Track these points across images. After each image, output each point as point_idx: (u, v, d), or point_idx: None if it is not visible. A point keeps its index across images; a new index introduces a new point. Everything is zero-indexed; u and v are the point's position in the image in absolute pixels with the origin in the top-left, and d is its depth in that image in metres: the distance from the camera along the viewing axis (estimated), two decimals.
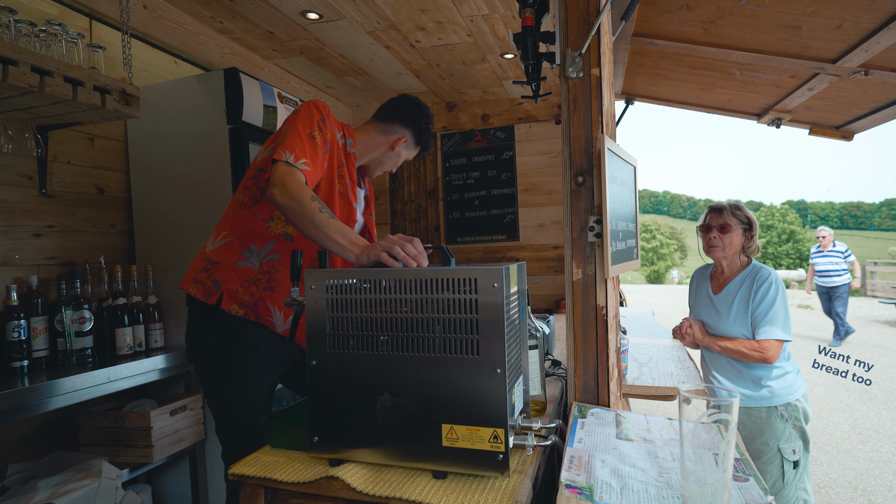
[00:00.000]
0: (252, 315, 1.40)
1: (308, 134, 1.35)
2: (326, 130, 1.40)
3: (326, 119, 1.42)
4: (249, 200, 1.42)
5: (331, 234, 1.17)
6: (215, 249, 1.43)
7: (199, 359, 1.45)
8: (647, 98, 3.34)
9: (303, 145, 1.32)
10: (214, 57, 2.60)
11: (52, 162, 1.95)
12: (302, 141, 1.33)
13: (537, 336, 1.16)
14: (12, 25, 1.49)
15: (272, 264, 1.41)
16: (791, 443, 1.88)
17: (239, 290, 1.39)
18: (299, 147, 1.31)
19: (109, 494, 1.62)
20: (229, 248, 1.41)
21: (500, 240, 3.84)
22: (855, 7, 1.69)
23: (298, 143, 1.32)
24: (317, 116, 1.39)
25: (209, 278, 1.41)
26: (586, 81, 1.23)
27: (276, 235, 1.41)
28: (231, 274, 1.40)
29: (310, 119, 1.38)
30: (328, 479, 0.91)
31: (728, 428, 0.73)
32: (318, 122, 1.39)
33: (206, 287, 1.40)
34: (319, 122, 1.39)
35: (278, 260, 1.41)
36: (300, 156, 1.30)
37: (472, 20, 2.52)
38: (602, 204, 1.18)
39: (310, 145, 1.34)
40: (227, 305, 1.39)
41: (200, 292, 1.40)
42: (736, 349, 1.94)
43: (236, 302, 1.39)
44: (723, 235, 2.05)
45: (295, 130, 1.34)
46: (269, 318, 1.41)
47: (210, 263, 1.42)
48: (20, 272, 1.82)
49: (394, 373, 0.93)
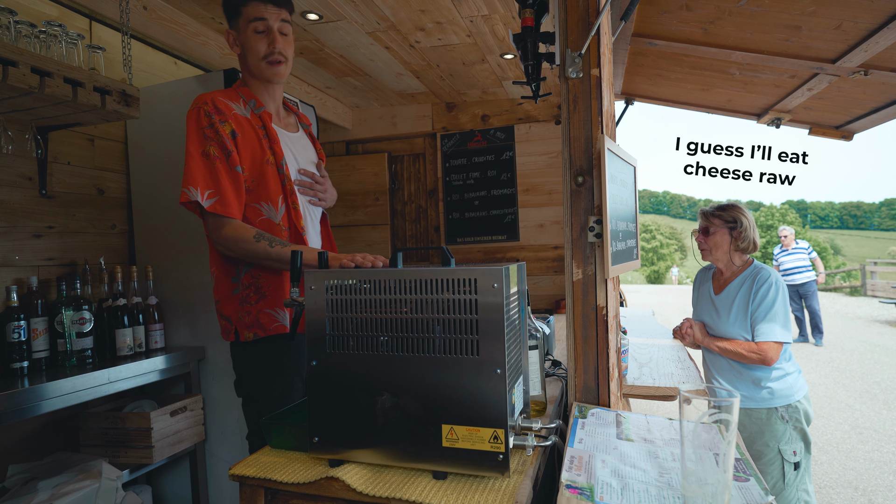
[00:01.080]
0: (260, 332, 1.41)
1: (201, 153, 1.30)
2: (221, 128, 1.32)
3: (215, 114, 1.33)
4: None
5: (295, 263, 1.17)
6: (214, 289, 1.46)
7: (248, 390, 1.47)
8: (647, 98, 3.34)
9: (202, 172, 1.29)
10: (214, 58, 2.60)
11: (52, 163, 1.95)
12: (199, 165, 1.29)
13: (537, 336, 1.16)
14: (12, 26, 1.49)
15: (251, 274, 1.41)
16: (792, 444, 1.88)
17: (241, 316, 1.41)
18: (199, 175, 1.29)
19: (110, 495, 1.62)
20: (220, 283, 1.44)
21: (500, 240, 3.84)
22: (854, 7, 1.69)
23: (197, 170, 1.29)
24: (202, 124, 1.32)
25: (222, 318, 1.45)
26: (586, 82, 1.23)
27: None
28: (233, 305, 1.42)
29: (197, 134, 1.32)
30: (328, 479, 0.91)
31: (728, 428, 0.73)
32: (205, 130, 1.32)
33: (223, 326, 1.45)
34: (206, 128, 1.32)
35: (254, 268, 1.41)
36: (204, 188, 1.29)
37: (472, 21, 2.52)
38: (602, 204, 1.18)
39: (206, 167, 1.29)
40: (242, 336, 1.42)
41: (223, 332, 1.45)
42: (735, 350, 1.94)
43: (245, 328, 1.41)
44: (706, 238, 2.07)
45: (189, 156, 1.32)
46: (276, 323, 1.42)
47: (217, 303, 1.45)
48: (20, 273, 1.82)
49: (394, 373, 0.93)
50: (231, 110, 1.37)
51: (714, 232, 2.05)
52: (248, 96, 1.43)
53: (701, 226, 2.10)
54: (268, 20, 1.38)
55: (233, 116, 1.36)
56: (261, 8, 1.36)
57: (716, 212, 2.06)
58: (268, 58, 1.39)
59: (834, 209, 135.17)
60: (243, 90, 1.44)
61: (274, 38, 1.39)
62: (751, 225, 2.03)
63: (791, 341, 1.91)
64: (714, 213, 2.07)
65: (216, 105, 1.34)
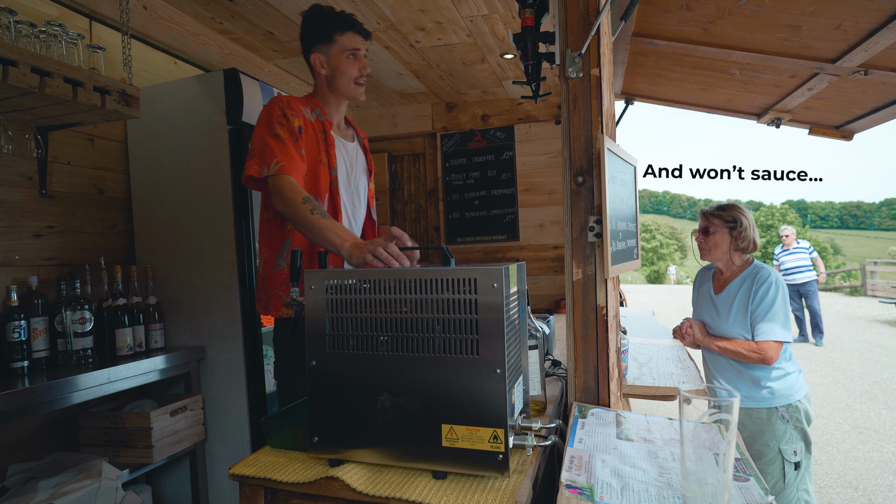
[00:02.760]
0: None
1: (272, 135, 1.45)
2: (292, 119, 1.47)
3: (286, 110, 1.48)
4: (273, 215, 1.55)
5: (324, 234, 1.29)
6: (260, 267, 1.58)
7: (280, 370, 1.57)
8: (647, 98, 3.34)
9: (270, 149, 1.43)
10: (214, 57, 2.60)
11: (52, 162, 1.95)
12: (268, 145, 1.43)
13: (537, 336, 1.16)
14: (12, 26, 1.49)
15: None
16: (792, 444, 1.88)
17: (279, 293, 1.52)
18: (268, 153, 1.43)
19: (110, 495, 1.62)
20: (267, 261, 1.56)
21: (500, 240, 3.84)
22: (854, 7, 1.69)
23: (266, 149, 1.43)
24: (276, 114, 1.47)
25: (265, 294, 1.55)
26: (586, 81, 1.23)
27: (290, 230, 1.53)
28: (274, 282, 1.53)
29: (268, 121, 1.47)
30: (328, 479, 0.91)
31: (728, 428, 0.73)
32: (278, 119, 1.46)
33: (263, 303, 1.56)
34: (279, 118, 1.47)
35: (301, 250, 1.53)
36: (269, 160, 1.42)
37: (472, 20, 2.52)
38: (602, 204, 1.18)
39: (276, 145, 1.44)
40: (276, 312, 1.52)
41: (261, 307, 1.56)
42: (735, 350, 1.94)
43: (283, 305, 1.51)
44: (706, 238, 2.07)
45: (258, 140, 1.46)
46: None
47: (262, 281, 1.57)
48: (20, 273, 1.82)
49: (394, 373, 0.93)
50: (301, 111, 1.53)
51: (714, 232, 2.05)
52: (315, 105, 1.60)
53: (701, 226, 2.11)
54: (360, 49, 1.59)
55: (301, 115, 1.52)
56: (356, 39, 1.58)
57: (716, 212, 2.06)
58: (357, 80, 1.60)
59: (834, 209, 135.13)
60: (312, 100, 1.61)
61: (364, 65, 1.60)
62: (750, 225, 2.03)
63: (791, 341, 1.91)
64: (714, 212, 2.07)
65: (290, 103, 1.51)
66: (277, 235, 1.54)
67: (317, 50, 1.57)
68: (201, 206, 2.09)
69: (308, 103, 1.59)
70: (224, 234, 2.05)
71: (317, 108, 1.60)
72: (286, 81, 3.20)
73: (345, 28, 1.56)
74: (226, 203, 2.04)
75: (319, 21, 1.56)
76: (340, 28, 1.55)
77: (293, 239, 1.53)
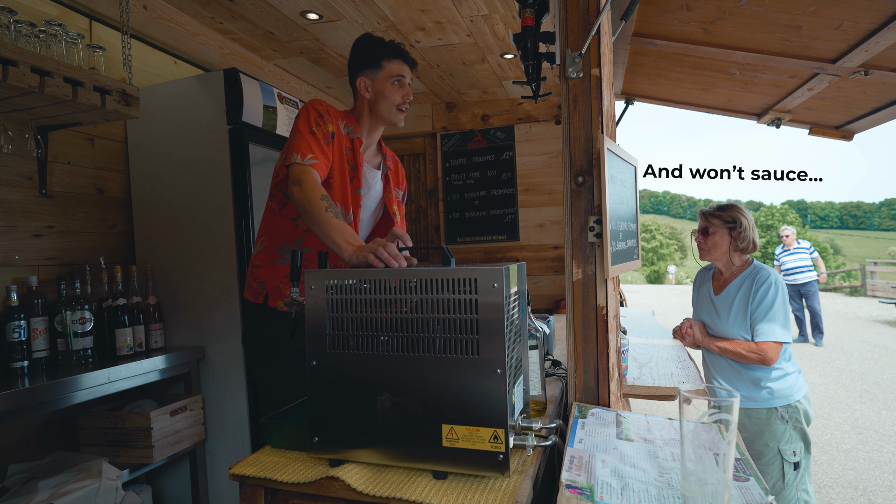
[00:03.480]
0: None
1: (309, 131, 1.49)
2: (326, 124, 1.52)
3: (324, 114, 1.53)
4: (278, 206, 1.58)
5: (330, 234, 1.28)
6: (256, 255, 1.60)
7: (253, 347, 1.62)
8: (647, 98, 3.33)
9: (307, 143, 1.46)
10: (214, 57, 2.60)
11: (52, 162, 1.95)
12: (305, 139, 1.47)
13: (537, 336, 1.16)
14: (12, 26, 1.49)
15: (305, 257, 1.55)
16: (791, 444, 1.88)
17: (280, 286, 1.55)
18: (304, 145, 1.45)
19: (110, 495, 1.62)
20: (266, 251, 1.58)
21: (500, 240, 3.84)
22: (855, 7, 1.69)
23: (302, 142, 1.46)
24: (313, 114, 1.51)
25: (255, 281, 1.58)
26: (586, 81, 1.23)
27: (305, 230, 1.55)
28: (272, 273, 1.56)
29: (307, 118, 1.51)
30: (328, 479, 0.91)
31: (728, 428, 0.73)
32: (315, 119, 1.51)
33: (253, 289, 1.58)
34: (316, 118, 1.51)
35: (310, 252, 1.57)
36: (306, 152, 1.44)
37: (472, 20, 2.52)
38: (602, 204, 1.18)
39: (312, 140, 1.47)
40: (272, 302, 1.55)
41: (251, 294, 1.59)
42: (734, 350, 1.94)
43: (280, 298, 1.55)
44: (705, 239, 2.07)
45: (297, 132, 1.49)
46: None
47: (254, 268, 1.59)
48: (20, 273, 1.82)
49: (394, 373, 0.93)
50: (336, 120, 1.58)
51: (713, 232, 2.05)
52: (350, 121, 1.63)
53: (700, 226, 2.10)
54: (405, 77, 1.61)
55: (336, 124, 1.57)
56: (403, 67, 1.62)
57: (715, 212, 2.06)
58: (400, 106, 1.62)
59: (834, 209, 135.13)
60: (349, 116, 1.64)
61: (408, 92, 1.63)
62: (750, 225, 2.03)
63: (791, 341, 1.91)
64: (713, 213, 2.07)
65: (328, 109, 1.56)
66: (287, 230, 1.56)
67: (364, 74, 1.61)
68: (201, 206, 2.09)
69: (344, 117, 1.62)
70: (224, 234, 2.05)
71: (351, 124, 1.63)
72: (286, 81, 3.20)
73: (393, 56, 1.60)
74: (226, 203, 2.04)
75: (370, 47, 1.61)
76: (389, 55, 1.59)
77: (306, 239, 1.55)
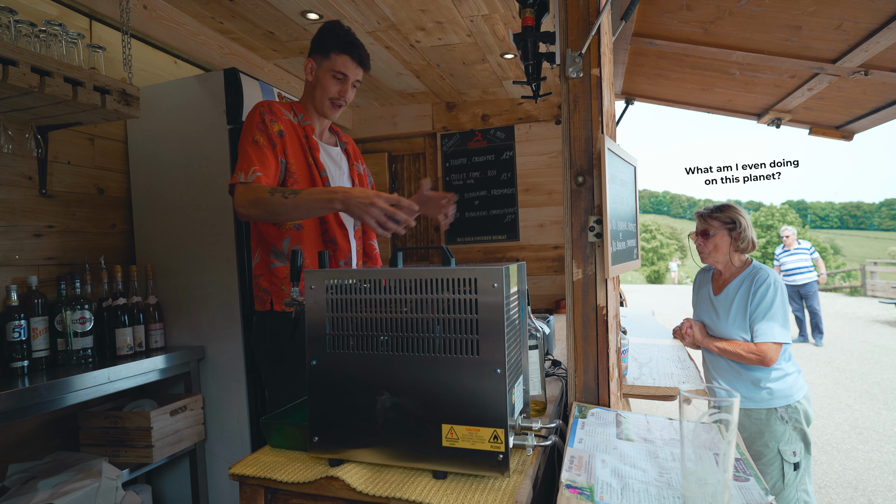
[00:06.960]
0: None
1: (251, 141, 1.48)
2: (271, 125, 1.51)
3: (266, 114, 1.52)
4: None
5: (309, 202, 1.30)
6: (255, 266, 1.62)
7: (262, 350, 1.61)
8: (647, 98, 3.33)
9: (248, 157, 1.45)
10: (214, 57, 2.59)
11: (52, 162, 1.95)
12: (246, 154, 1.46)
13: (537, 336, 1.16)
14: (12, 26, 1.49)
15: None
16: (791, 445, 1.88)
17: (281, 287, 1.56)
18: (245, 161, 1.45)
19: (109, 495, 1.62)
20: (262, 260, 1.60)
21: (500, 240, 3.84)
22: (855, 7, 1.69)
23: (244, 157, 1.46)
24: (256, 120, 1.51)
25: (259, 290, 1.60)
26: (586, 81, 1.23)
27: (288, 229, 1.55)
28: (271, 278, 1.57)
29: (249, 127, 1.51)
30: (328, 479, 0.91)
31: (728, 428, 0.73)
32: (258, 125, 1.50)
33: (260, 299, 1.60)
34: (258, 124, 1.50)
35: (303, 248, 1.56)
36: (247, 168, 1.44)
37: (472, 20, 2.52)
38: (602, 204, 1.18)
39: (253, 151, 1.46)
40: (278, 306, 1.56)
41: (259, 304, 1.60)
42: (734, 351, 1.94)
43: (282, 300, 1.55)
44: (705, 241, 2.06)
45: (240, 148, 1.49)
46: None
47: (256, 278, 1.61)
48: (20, 272, 1.82)
49: (394, 373, 0.93)
50: (283, 115, 1.57)
51: (713, 234, 2.04)
52: (299, 110, 1.65)
53: (699, 228, 2.09)
54: (348, 76, 1.60)
55: (284, 120, 1.56)
56: (349, 64, 1.59)
57: (713, 213, 2.06)
58: (335, 101, 1.62)
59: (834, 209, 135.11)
60: (297, 105, 1.66)
61: (346, 90, 1.62)
62: (748, 224, 2.03)
63: (790, 342, 1.91)
64: (712, 214, 2.06)
65: (271, 108, 1.55)
66: (271, 234, 1.56)
67: (312, 57, 1.62)
68: (201, 206, 2.09)
69: (292, 108, 1.63)
70: (224, 233, 2.05)
71: (300, 112, 1.64)
72: (286, 81, 3.20)
73: (343, 51, 1.58)
74: (226, 203, 2.04)
75: (325, 35, 1.60)
76: (339, 49, 1.58)
77: (292, 238, 1.55)
